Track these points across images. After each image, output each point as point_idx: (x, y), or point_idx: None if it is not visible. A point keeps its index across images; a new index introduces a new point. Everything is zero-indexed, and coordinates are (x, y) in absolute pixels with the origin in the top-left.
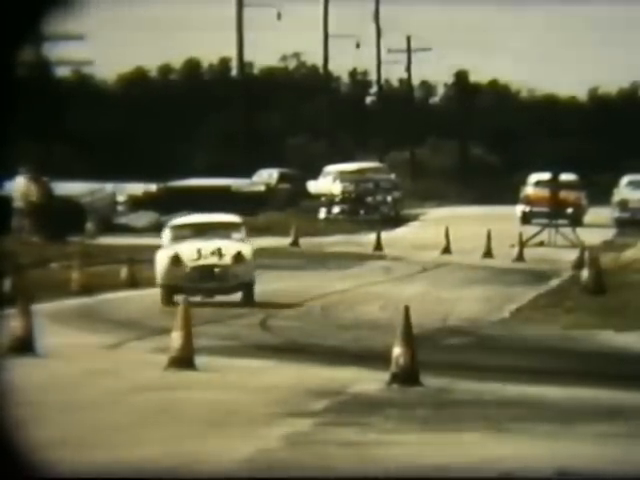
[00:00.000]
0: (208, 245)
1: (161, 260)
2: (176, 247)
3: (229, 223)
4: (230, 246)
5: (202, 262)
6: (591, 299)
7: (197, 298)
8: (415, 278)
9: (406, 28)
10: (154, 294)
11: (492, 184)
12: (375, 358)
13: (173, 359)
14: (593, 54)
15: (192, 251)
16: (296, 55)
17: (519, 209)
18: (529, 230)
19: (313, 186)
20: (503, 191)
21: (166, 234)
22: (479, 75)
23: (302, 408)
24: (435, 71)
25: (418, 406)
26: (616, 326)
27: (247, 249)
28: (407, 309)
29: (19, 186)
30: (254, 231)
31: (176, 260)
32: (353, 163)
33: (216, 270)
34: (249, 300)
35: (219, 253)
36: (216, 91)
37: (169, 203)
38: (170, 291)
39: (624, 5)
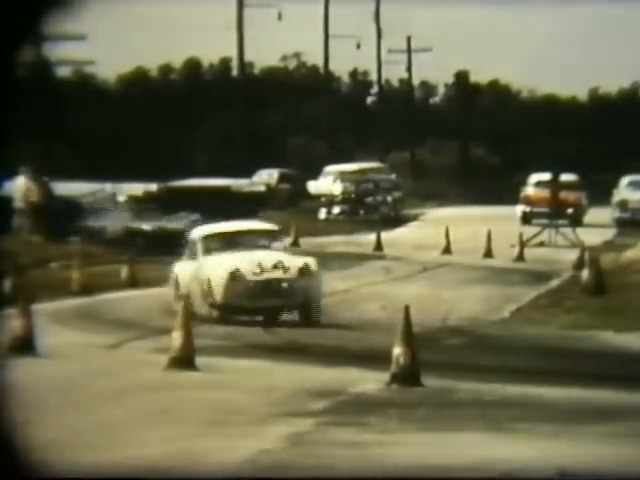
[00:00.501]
0: (267, 257)
1: (214, 275)
2: (228, 260)
3: (267, 231)
4: (292, 258)
5: (266, 277)
6: (591, 299)
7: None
8: (415, 278)
9: (406, 28)
10: (154, 294)
11: (492, 184)
12: (375, 358)
13: (173, 359)
14: (593, 54)
15: (252, 264)
16: (296, 55)
17: (519, 209)
18: (529, 230)
19: (313, 186)
20: (503, 191)
21: (197, 245)
22: (479, 75)
23: (302, 408)
24: (435, 71)
25: (418, 406)
26: (616, 326)
27: (312, 261)
28: (407, 309)
29: (19, 186)
30: None
31: (237, 275)
32: (353, 163)
33: (282, 285)
34: (315, 320)
35: (282, 266)
36: (216, 91)
37: (169, 203)
38: (228, 311)
39: (624, 5)
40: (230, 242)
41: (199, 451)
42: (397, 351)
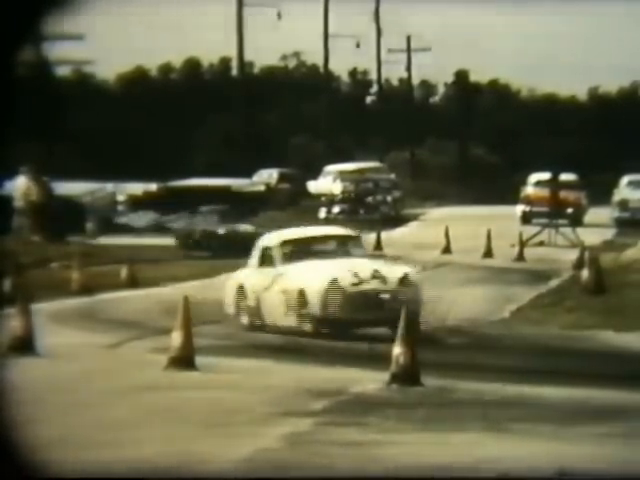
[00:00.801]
0: (363, 266)
1: (310, 285)
2: (322, 269)
3: (349, 237)
4: (389, 267)
5: (365, 287)
6: (591, 299)
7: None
8: None
9: (406, 28)
10: (154, 294)
11: (492, 184)
12: (375, 358)
13: (173, 359)
14: (593, 54)
15: (349, 274)
16: (296, 54)
17: (519, 209)
18: (529, 230)
19: (313, 186)
20: (503, 191)
21: (273, 251)
22: (479, 75)
23: (302, 408)
24: (435, 71)
25: (418, 406)
26: (616, 326)
27: (412, 270)
28: (407, 308)
29: (19, 186)
30: None
31: (336, 286)
32: (353, 163)
33: (383, 297)
34: (415, 333)
35: (381, 276)
36: (216, 91)
37: (169, 203)
38: (324, 324)
39: (624, 5)
40: (310, 249)
41: (199, 451)
42: (397, 351)
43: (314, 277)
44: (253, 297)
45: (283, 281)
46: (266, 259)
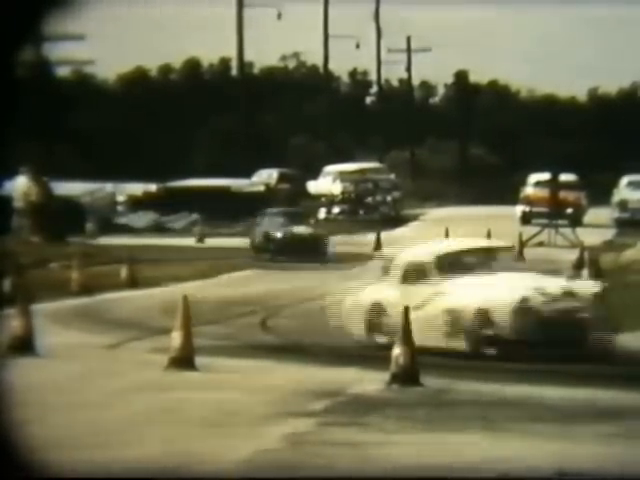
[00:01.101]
0: (549, 282)
1: (494, 305)
2: (503, 286)
3: (502, 248)
4: (578, 283)
5: (559, 306)
6: None
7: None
8: None
9: (406, 28)
10: (154, 294)
11: (492, 184)
12: (375, 358)
13: (173, 359)
14: (593, 54)
15: (537, 291)
16: (296, 55)
17: (519, 209)
18: (529, 230)
19: (313, 186)
20: (503, 191)
21: (426, 266)
22: (479, 75)
23: (302, 408)
24: (435, 71)
25: (418, 406)
26: (616, 326)
27: (600, 287)
28: (407, 309)
29: (19, 186)
30: None
31: (527, 305)
32: (353, 163)
33: (580, 316)
34: (608, 359)
35: (574, 293)
36: (216, 91)
37: (169, 203)
38: (514, 347)
39: (624, 5)
40: (465, 263)
41: (199, 451)
42: (397, 351)
43: (498, 295)
44: (397, 316)
45: (446, 299)
46: (414, 275)
